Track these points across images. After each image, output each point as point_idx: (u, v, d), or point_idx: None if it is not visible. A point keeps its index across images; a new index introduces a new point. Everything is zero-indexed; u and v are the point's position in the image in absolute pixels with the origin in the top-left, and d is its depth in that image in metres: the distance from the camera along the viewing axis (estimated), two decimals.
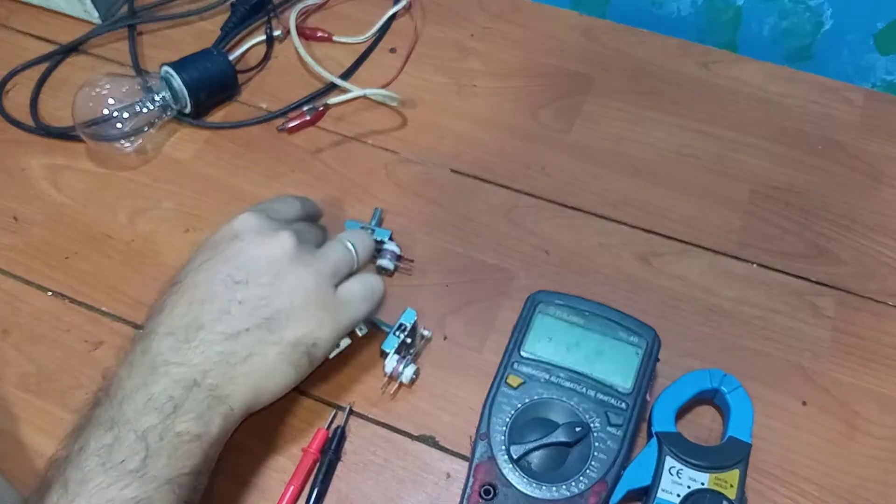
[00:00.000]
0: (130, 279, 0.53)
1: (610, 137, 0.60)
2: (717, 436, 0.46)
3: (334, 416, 0.48)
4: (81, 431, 0.38)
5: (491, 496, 0.41)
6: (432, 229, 0.54)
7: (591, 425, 0.43)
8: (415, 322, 0.48)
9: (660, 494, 0.42)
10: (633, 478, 0.43)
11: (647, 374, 0.44)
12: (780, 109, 0.61)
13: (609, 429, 0.43)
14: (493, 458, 0.42)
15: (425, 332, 0.50)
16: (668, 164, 0.58)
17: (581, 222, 0.56)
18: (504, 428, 0.43)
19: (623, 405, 0.43)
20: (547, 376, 0.44)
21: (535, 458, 0.42)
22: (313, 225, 0.49)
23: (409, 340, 0.48)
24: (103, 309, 0.52)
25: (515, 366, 0.45)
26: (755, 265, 0.53)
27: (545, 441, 0.42)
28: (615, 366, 0.45)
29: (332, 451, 0.46)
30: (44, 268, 0.54)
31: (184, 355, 0.39)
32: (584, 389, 0.44)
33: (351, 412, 0.48)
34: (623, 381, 0.44)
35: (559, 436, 0.42)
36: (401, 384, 0.48)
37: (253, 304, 0.40)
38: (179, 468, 0.37)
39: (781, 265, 0.53)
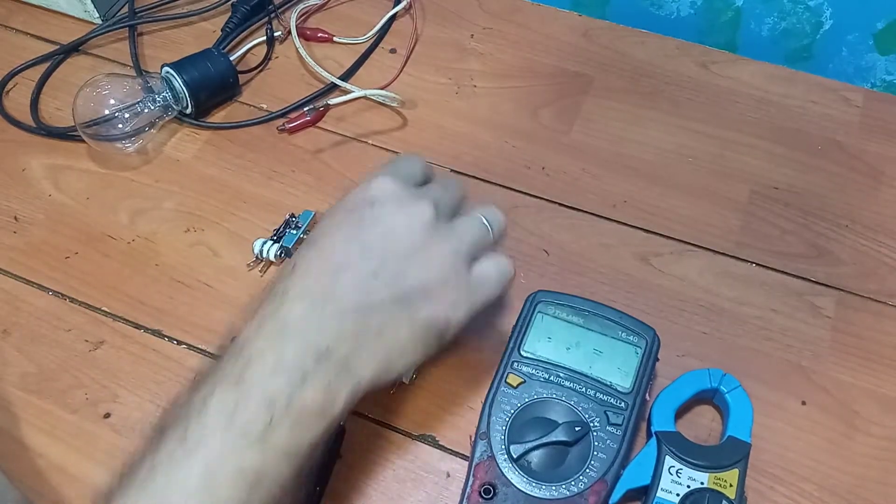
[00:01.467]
0: (131, 279, 0.54)
1: (610, 137, 0.60)
2: (717, 435, 0.46)
3: None
4: (206, 379, 0.36)
5: (491, 495, 0.41)
6: None
7: (591, 424, 0.43)
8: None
9: (659, 494, 0.42)
10: (633, 477, 0.43)
11: (646, 373, 0.44)
12: (780, 110, 0.61)
13: (609, 428, 0.43)
14: (492, 458, 0.42)
15: None
16: (668, 164, 0.58)
17: (581, 222, 0.56)
18: (504, 427, 0.43)
19: (622, 404, 0.43)
20: (547, 376, 0.44)
21: (535, 458, 0.42)
22: (449, 185, 0.45)
23: None
24: (104, 309, 0.52)
25: (515, 365, 0.45)
26: (754, 265, 0.54)
27: (545, 440, 0.42)
28: (615, 365, 0.45)
29: (331, 450, 0.46)
30: (44, 268, 0.54)
31: (316, 324, 0.37)
32: (583, 389, 0.44)
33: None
34: (622, 380, 0.44)
35: (559, 435, 0.42)
36: (400, 383, 0.48)
37: (388, 277, 0.38)
38: (299, 440, 0.35)
39: (781, 265, 0.53)
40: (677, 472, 0.43)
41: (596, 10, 0.72)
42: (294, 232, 0.53)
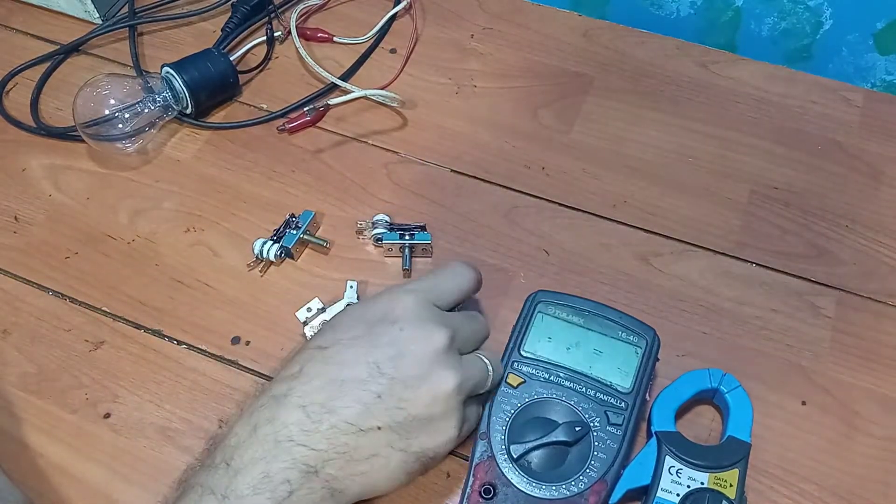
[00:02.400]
0: (131, 279, 0.54)
1: (610, 137, 0.60)
2: (717, 435, 0.46)
3: None
4: (194, 484, 0.37)
5: (491, 496, 0.41)
6: (432, 229, 0.54)
7: (591, 424, 0.43)
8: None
9: (659, 494, 0.42)
10: (633, 477, 0.43)
11: (646, 373, 0.44)
12: (780, 110, 0.61)
13: (609, 428, 0.43)
14: (492, 458, 0.42)
15: None
16: (668, 164, 0.58)
17: (581, 222, 0.56)
18: (504, 427, 0.43)
19: (623, 404, 0.43)
20: (547, 376, 0.44)
21: (535, 458, 0.42)
22: (474, 320, 0.45)
23: None
24: (104, 309, 0.52)
25: (515, 365, 0.45)
26: (755, 265, 0.54)
27: (545, 440, 0.42)
28: (615, 365, 0.45)
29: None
30: (44, 268, 0.54)
31: (310, 437, 0.37)
32: (583, 389, 0.44)
33: None
34: (623, 380, 0.44)
35: (559, 435, 0.42)
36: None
37: (391, 402, 0.39)
38: None
39: (781, 265, 0.53)
40: (677, 472, 0.43)
41: (596, 10, 0.72)
42: (294, 232, 0.53)
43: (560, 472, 0.42)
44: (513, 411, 0.43)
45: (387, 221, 0.54)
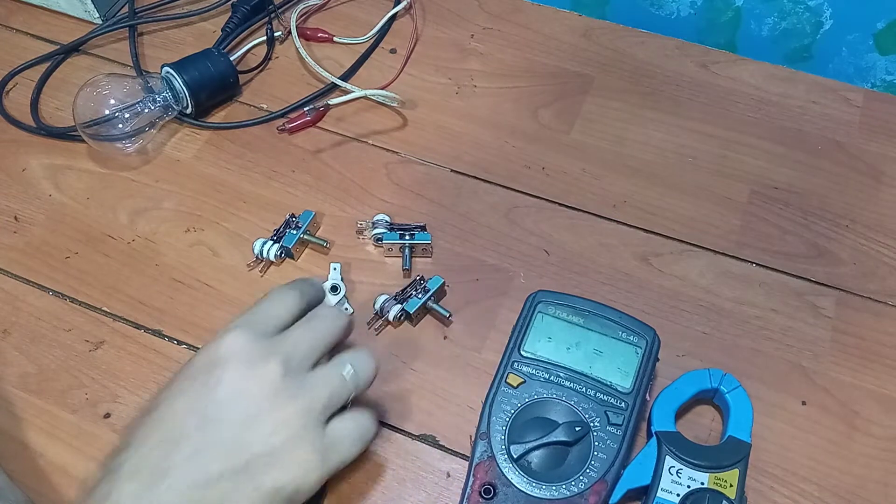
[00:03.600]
0: (131, 279, 0.54)
1: (610, 137, 0.60)
2: (717, 435, 0.46)
3: None
4: None
5: (491, 495, 0.41)
6: (432, 229, 0.54)
7: (591, 424, 0.43)
8: (441, 284, 0.50)
9: (659, 494, 0.42)
10: (633, 477, 0.43)
11: (646, 373, 0.44)
12: (780, 110, 0.61)
13: (609, 428, 0.43)
14: (492, 458, 0.42)
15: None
16: (668, 164, 0.58)
17: (581, 222, 0.56)
18: (504, 427, 0.43)
19: (623, 404, 0.43)
20: (547, 376, 0.44)
21: (535, 458, 0.42)
22: (317, 327, 0.41)
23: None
24: (104, 309, 0.52)
25: (515, 365, 0.45)
26: (755, 265, 0.54)
27: (545, 440, 0.42)
28: (615, 365, 0.45)
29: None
30: (44, 268, 0.54)
31: None
32: (583, 389, 0.44)
33: None
34: (623, 380, 0.44)
35: (559, 435, 0.42)
36: (387, 321, 0.50)
37: (228, 446, 0.36)
38: None
39: (781, 265, 0.53)
40: (677, 472, 0.43)
41: (596, 10, 0.72)
42: (294, 232, 0.53)
43: (560, 471, 0.42)
44: (513, 411, 0.43)
45: (387, 221, 0.54)
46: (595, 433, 0.43)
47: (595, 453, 0.42)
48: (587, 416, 0.43)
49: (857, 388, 0.48)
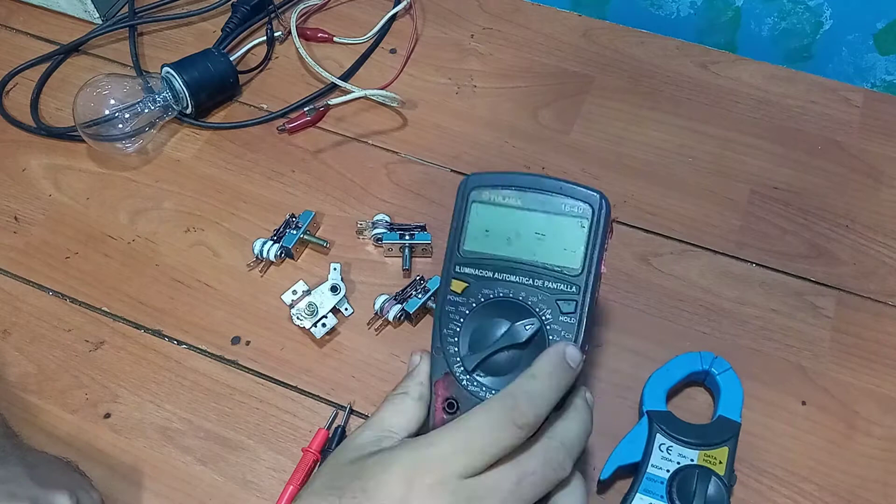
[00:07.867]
0: (131, 279, 0.54)
1: (610, 137, 0.60)
2: (708, 417, 0.47)
3: (335, 416, 0.48)
4: None
5: (455, 409, 0.38)
6: (432, 229, 0.54)
7: (543, 317, 0.39)
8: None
9: (650, 470, 0.43)
10: (624, 454, 0.44)
11: (596, 246, 0.39)
12: (780, 109, 0.61)
13: (562, 318, 0.39)
14: (449, 373, 0.39)
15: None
16: (668, 164, 0.58)
17: None
18: (455, 338, 0.40)
19: (573, 289, 0.39)
20: (490, 274, 0.40)
21: (492, 364, 0.39)
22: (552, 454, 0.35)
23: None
24: (104, 309, 0.52)
25: (458, 269, 0.41)
26: (754, 265, 0.54)
27: (498, 346, 0.39)
28: (560, 246, 0.40)
29: (332, 451, 0.45)
30: (44, 268, 0.54)
31: None
32: (530, 280, 0.40)
33: (351, 411, 0.48)
34: (570, 261, 0.39)
35: (511, 338, 0.39)
36: (387, 321, 0.50)
37: None
38: None
39: (781, 265, 0.53)
40: (668, 449, 0.43)
41: (596, 10, 0.72)
42: (294, 232, 0.53)
43: (518, 374, 0.38)
44: (462, 320, 0.40)
45: (387, 221, 0.54)
46: (548, 327, 0.39)
47: None
48: (538, 309, 0.39)
49: (856, 388, 0.48)
